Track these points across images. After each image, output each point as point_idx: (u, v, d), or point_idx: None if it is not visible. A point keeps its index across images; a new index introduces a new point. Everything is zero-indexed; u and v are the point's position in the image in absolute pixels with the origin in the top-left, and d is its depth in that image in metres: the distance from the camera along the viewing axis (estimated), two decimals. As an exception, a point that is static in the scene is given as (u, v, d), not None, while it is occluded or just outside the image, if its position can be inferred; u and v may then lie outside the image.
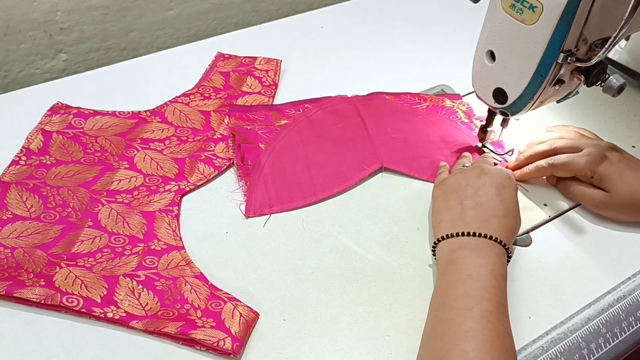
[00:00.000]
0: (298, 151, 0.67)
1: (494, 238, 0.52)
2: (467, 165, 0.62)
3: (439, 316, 0.49)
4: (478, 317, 0.46)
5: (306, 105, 0.73)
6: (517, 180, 0.62)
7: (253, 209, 0.61)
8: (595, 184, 0.61)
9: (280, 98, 0.76)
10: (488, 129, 0.68)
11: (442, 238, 0.54)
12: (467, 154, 0.67)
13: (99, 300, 0.51)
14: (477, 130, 0.70)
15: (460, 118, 0.73)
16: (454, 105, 0.75)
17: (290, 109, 0.73)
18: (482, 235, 0.52)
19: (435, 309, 0.50)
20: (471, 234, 0.53)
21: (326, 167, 0.65)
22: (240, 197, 0.63)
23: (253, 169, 0.64)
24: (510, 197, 0.56)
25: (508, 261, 0.53)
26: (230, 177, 0.66)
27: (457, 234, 0.53)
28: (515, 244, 0.60)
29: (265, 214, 0.61)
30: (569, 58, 0.53)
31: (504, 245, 0.53)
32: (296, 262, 0.57)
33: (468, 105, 0.75)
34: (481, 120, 0.70)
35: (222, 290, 0.53)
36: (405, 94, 0.77)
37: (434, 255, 0.56)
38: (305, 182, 0.64)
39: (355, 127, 0.70)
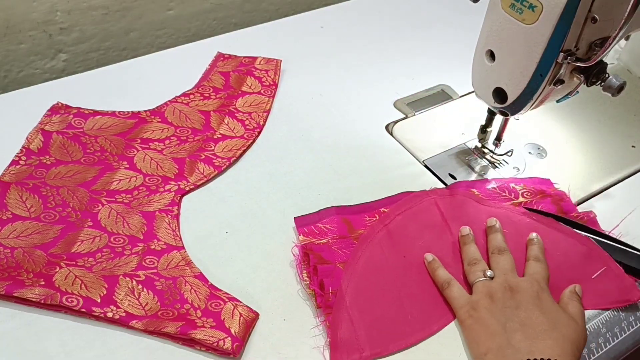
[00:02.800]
0: (384, 275, 0.55)
1: None
2: (488, 274, 0.54)
3: None
4: None
5: (382, 209, 0.61)
6: None
7: (340, 356, 0.49)
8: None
9: (281, 98, 0.76)
10: (488, 129, 0.68)
11: None
12: (466, 231, 0.58)
13: (99, 300, 0.51)
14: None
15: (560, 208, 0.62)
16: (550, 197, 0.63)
17: (364, 215, 0.61)
18: None
19: None
20: None
21: (418, 298, 0.54)
22: (321, 340, 0.51)
23: (335, 299, 0.53)
24: (549, 306, 0.50)
25: None
26: (230, 177, 0.66)
27: None
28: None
29: None
30: (569, 58, 0.53)
31: None
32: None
33: (566, 194, 0.64)
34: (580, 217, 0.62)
35: (221, 290, 0.53)
36: (491, 186, 0.64)
37: None
38: (398, 318, 0.53)
39: (443, 240, 0.59)
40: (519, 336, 0.48)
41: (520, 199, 0.63)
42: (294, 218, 0.60)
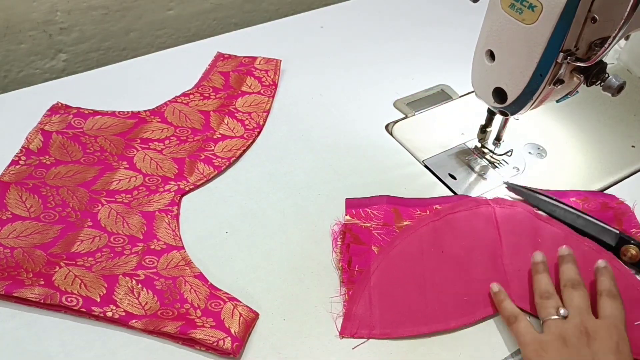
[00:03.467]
0: (415, 264, 0.56)
1: None
2: (562, 313, 0.49)
3: None
4: None
5: (436, 206, 0.62)
6: None
7: (350, 329, 0.51)
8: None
9: (281, 98, 0.76)
10: (487, 129, 0.68)
11: None
12: (539, 257, 0.55)
13: (99, 300, 0.51)
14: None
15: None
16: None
17: (416, 209, 0.62)
18: None
19: None
20: None
21: (444, 292, 0.54)
22: (338, 308, 0.53)
23: (359, 277, 0.55)
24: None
25: None
26: (230, 177, 0.66)
27: None
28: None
29: (363, 337, 0.51)
30: (569, 57, 0.53)
31: None
32: (296, 262, 0.57)
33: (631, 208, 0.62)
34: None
35: (221, 290, 0.53)
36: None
37: None
38: (416, 306, 0.53)
39: (489, 246, 0.58)
40: None
41: (580, 210, 0.62)
42: (346, 199, 0.62)
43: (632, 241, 0.55)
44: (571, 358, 0.46)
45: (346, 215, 0.61)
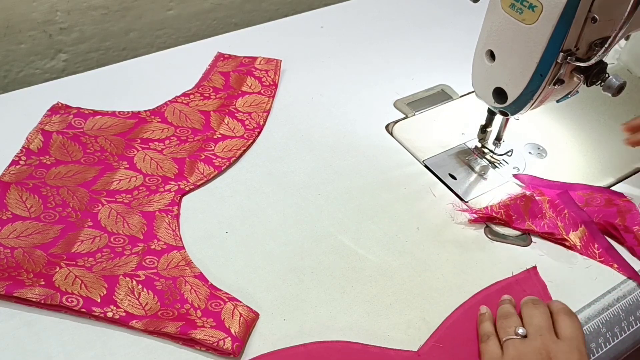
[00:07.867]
0: None
1: None
2: (520, 332, 0.48)
3: None
4: None
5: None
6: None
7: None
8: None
9: (281, 98, 0.76)
10: (488, 129, 0.68)
11: None
12: (506, 297, 0.54)
13: (99, 300, 0.51)
14: None
15: None
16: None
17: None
18: None
19: None
20: None
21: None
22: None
23: None
24: None
25: None
26: (230, 177, 0.66)
27: None
28: (514, 243, 0.60)
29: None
30: (569, 57, 0.53)
31: None
32: (296, 262, 0.57)
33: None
34: None
35: (222, 290, 0.53)
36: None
37: None
38: None
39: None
40: None
41: (584, 204, 0.63)
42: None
43: None
44: None
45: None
